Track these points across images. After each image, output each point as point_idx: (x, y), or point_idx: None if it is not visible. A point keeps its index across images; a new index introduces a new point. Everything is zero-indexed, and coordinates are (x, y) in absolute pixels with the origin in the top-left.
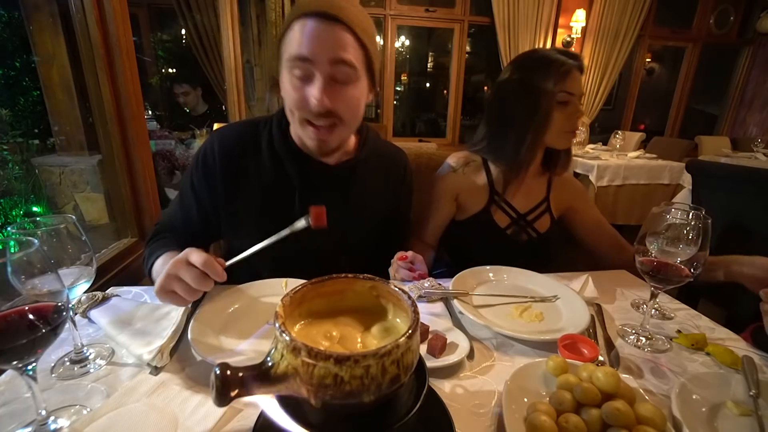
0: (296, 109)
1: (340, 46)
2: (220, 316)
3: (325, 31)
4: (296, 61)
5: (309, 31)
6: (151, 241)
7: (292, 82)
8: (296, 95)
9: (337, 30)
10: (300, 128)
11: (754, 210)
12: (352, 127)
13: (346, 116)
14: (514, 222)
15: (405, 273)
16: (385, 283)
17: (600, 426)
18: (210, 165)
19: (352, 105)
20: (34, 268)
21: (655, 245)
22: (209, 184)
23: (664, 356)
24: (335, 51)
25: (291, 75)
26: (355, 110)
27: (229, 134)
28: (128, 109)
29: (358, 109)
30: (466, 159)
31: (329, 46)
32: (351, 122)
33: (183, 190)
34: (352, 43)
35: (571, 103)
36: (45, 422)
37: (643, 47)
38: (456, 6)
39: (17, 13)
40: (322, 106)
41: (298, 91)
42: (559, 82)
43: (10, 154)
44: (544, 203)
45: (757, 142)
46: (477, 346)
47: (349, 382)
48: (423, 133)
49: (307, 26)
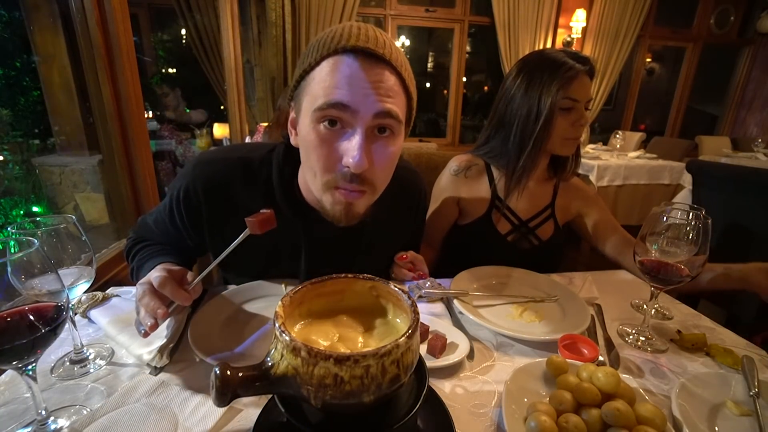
0: (323, 171)
1: (387, 93)
2: (220, 316)
3: (371, 74)
4: (330, 110)
5: (352, 72)
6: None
7: (320, 134)
8: (324, 151)
9: (385, 73)
10: (323, 192)
11: (754, 210)
12: (380, 192)
13: (380, 181)
14: (515, 228)
15: (405, 273)
16: (385, 283)
17: (600, 426)
18: (194, 205)
19: (389, 169)
20: (34, 268)
21: (655, 245)
22: (193, 224)
23: (664, 356)
24: (383, 100)
25: (318, 126)
26: (389, 175)
27: (216, 173)
28: (128, 109)
29: (392, 172)
30: (469, 162)
31: (376, 93)
32: (382, 189)
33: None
34: (398, 89)
35: (576, 109)
36: (45, 422)
37: (643, 47)
38: (456, 6)
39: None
40: (360, 168)
41: (327, 145)
42: (564, 87)
43: (11, 154)
44: (548, 209)
45: (757, 142)
46: (477, 346)
47: (349, 382)
48: (423, 133)
49: (348, 66)
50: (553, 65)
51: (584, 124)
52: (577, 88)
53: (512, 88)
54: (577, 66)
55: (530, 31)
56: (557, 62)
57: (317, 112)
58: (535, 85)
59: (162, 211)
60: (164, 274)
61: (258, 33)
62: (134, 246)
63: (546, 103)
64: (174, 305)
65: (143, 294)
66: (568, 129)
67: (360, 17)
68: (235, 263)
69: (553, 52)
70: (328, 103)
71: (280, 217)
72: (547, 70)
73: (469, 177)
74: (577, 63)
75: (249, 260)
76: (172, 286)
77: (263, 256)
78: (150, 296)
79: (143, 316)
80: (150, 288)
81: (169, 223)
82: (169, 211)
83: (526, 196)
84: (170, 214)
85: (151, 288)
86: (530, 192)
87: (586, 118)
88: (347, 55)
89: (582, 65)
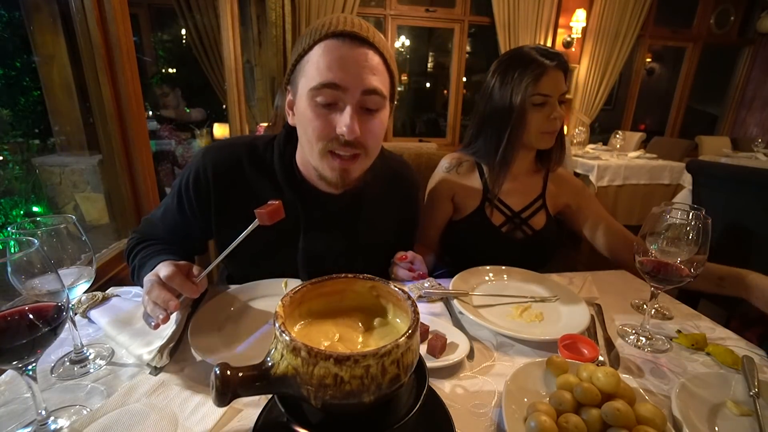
0: (320, 140)
1: (371, 72)
2: (220, 316)
3: (356, 54)
4: (323, 90)
5: (340, 55)
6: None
7: (316, 110)
8: (319, 123)
9: (369, 54)
10: (320, 159)
11: (754, 210)
12: (373, 157)
13: (371, 146)
14: (509, 220)
15: (405, 273)
16: (385, 283)
17: (600, 426)
18: (203, 188)
19: (378, 135)
20: (34, 268)
21: (655, 245)
22: (201, 207)
23: (664, 356)
24: (368, 78)
25: (313, 102)
26: (379, 140)
27: (223, 156)
28: (128, 109)
29: (381, 138)
30: (459, 159)
31: (362, 72)
32: (374, 152)
33: (169, 206)
34: (382, 68)
35: (548, 104)
36: (45, 422)
37: (643, 47)
38: (456, 6)
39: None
40: (353, 135)
41: (322, 118)
42: (533, 83)
43: (11, 154)
44: (540, 200)
45: (757, 142)
46: (477, 346)
47: (349, 382)
48: (423, 133)
49: (336, 49)
50: (522, 63)
51: (558, 118)
52: (546, 83)
53: (489, 87)
54: (546, 62)
55: (530, 31)
56: (526, 59)
57: (313, 91)
58: (507, 83)
59: (170, 203)
60: (172, 267)
61: (258, 33)
62: (135, 246)
63: (516, 99)
64: (182, 298)
65: (152, 287)
66: (544, 123)
67: (360, 17)
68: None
69: (524, 49)
70: (322, 83)
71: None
72: (517, 68)
73: (460, 173)
74: (545, 59)
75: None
76: (181, 278)
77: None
78: (159, 289)
79: (152, 309)
80: (158, 281)
81: (177, 212)
82: (177, 199)
83: (517, 189)
84: (179, 202)
85: (160, 281)
86: (521, 184)
87: (560, 112)
88: (336, 38)
89: (550, 60)
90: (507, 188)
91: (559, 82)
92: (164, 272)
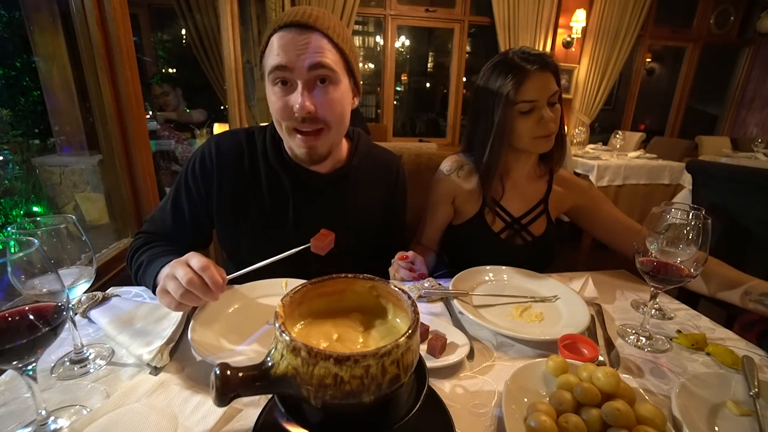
0: (282, 119)
1: (315, 50)
2: (220, 316)
3: (299, 39)
4: (276, 72)
5: (285, 41)
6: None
7: (275, 93)
8: (280, 104)
9: (311, 36)
10: (289, 138)
11: (754, 210)
12: (339, 131)
13: (331, 119)
14: (508, 226)
15: (405, 273)
16: (385, 283)
17: (600, 426)
18: (208, 169)
19: (336, 107)
20: (34, 268)
21: (655, 245)
22: (206, 188)
23: (664, 356)
24: (311, 56)
25: (273, 86)
26: (339, 113)
27: (226, 140)
28: (128, 109)
29: (342, 111)
30: (460, 162)
31: (305, 52)
32: (337, 126)
33: (176, 194)
34: (328, 46)
35: (536, 109)
36: (45, 422)
37: (643, 47)
38: (456, 6)
39: (17, 13)
40: (304, 110)
41: (281, 100)
42: (514, 90)
43: (11, 154)
44: (541, 205)
45: (757, 142)
46: (477, 346)
47: (349, 382)
48: (423, 133)
49: (282, 37)
50: (504, 70)
51: (550, 120)
52: (529, 89)
53: (476, 95)
54: (527, 67)
55: (530, 31)
56: (508, 65)
57: (269, 76)
58: (489, 94)
59: (175, 192)
60: (204, 259)
61: (258, 33)
62: (142, 246)
63: (497, 110)
64: None
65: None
66: (534, 129)
67: (360, 17)
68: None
69: (507, 54)
70: (273, 66)
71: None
72: (499, 75)
73: (461, 176)
74: (526, 63)
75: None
76: (212, 272)
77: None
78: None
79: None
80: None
81: (186, 198)
82: (185, 186)
83: (518, 194)
84: (186, 188)
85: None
86: (522, 190)
87: (550, 115)
88: (284, 29)
89: (531, 64)
90: (508, 194)
91: (546, 85)
92: (197, 262)
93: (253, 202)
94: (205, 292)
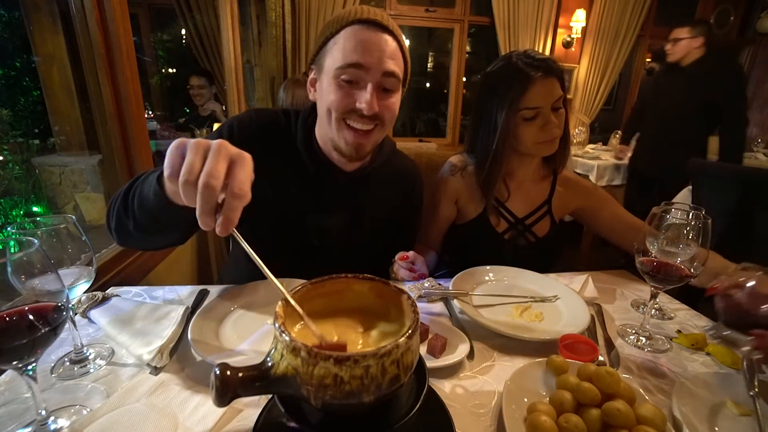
0: (338, 110)
1: (391, 56)
2: (220, 316)
3: (379, 40)
4: (347, 68)
5: (364, 38)
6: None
7: (340, 86)
8: (341, 95)
9: (389, 40)
10: (336, 129)
11: (754, 210)
12: (386, 131)
13: (387, 119)
14: (512, 226)
15: (405, 273)
16: (385, 283)
17: (600, 426)
18: (247, 127)
19: (394, 111)
20: (34, 268)
21: (655, 245)
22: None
23: (664, 356)
24: (387, 62)
25: (338, 80)
26: (394, 116)
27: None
28: (128, 109)
29: (393, 116)
30: (464, 162)
31: (383, 56)
32: (388, 126)
33: None
34: (399, 54)
35: (541, 114)
36: (45, 422)
37: (643, 47)
38: (456, 6)
39: (17, 13)
40: (372, 111)
41: (343, 90)
42: (518, 98)
43: (11, 154)
44: (545, 206)
45: (757, 142)
46: (477, 346)
47: (349, 382)
48: (423, 133)
49: (360, 33)
50: (509, 76)
51: (554, 126)
52: (534, 95)
53: (479, 98)
54: (531, 73)
55: (530, 31)
56: (512, 71)
57: (338, 69)
58: (493, 99)
59: None
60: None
61: (258, 33)
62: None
63: (501, 117)
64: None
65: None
66: (538, 135)
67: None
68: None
69: (512, 59)
70: (348, 63)
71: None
72: (503, 81)
73: (465, 177)
74: (531, 70)
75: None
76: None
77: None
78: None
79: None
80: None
81: None
82: None
83: (522, 195)
84: None
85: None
86: (526, 190)
87: (554, 121)
88: (360, 24)
89: (536, 71)
90: (512, 194)
91: (551, 90)
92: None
93: (274, 182)
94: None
